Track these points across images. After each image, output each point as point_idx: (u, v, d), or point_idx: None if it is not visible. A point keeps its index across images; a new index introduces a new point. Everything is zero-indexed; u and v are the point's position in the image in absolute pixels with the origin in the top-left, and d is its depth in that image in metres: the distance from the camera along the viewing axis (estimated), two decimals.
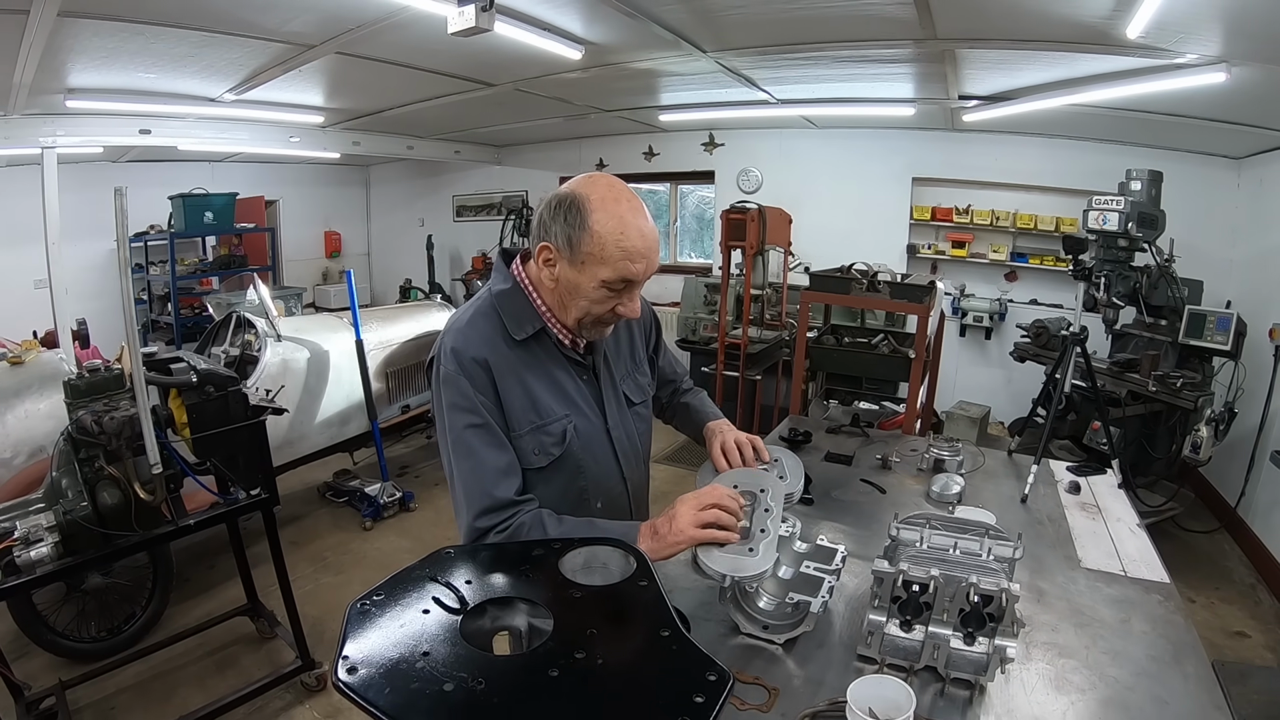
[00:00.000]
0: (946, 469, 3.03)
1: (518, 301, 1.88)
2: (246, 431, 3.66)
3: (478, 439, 1.78)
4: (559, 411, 1.88)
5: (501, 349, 1.82)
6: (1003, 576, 1.65)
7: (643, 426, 2.15)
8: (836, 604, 2.03)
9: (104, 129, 7.26)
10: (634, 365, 2.15)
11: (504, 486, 1.77)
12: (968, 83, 5.95)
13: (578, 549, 1.44)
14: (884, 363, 4.76)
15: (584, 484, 1.95)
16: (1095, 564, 2.39)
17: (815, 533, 2.29)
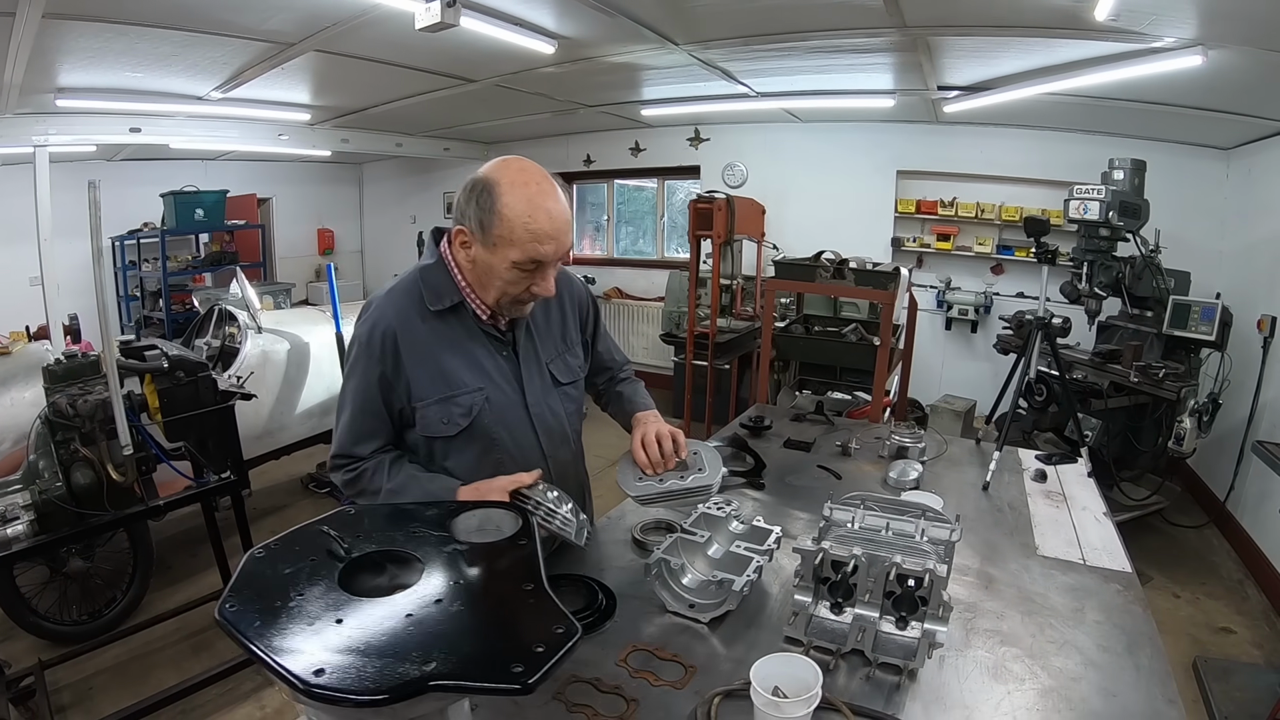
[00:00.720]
0: (908, 456, 3.00)
1: (440, 276, 1.92)
2: (216, 416, 3.79)
3: (358, 401, 1.91)
4: (471, 384, 1.93)
5: (415, 322, 1.89)
6: (932, 558, 1.62)
7: (571, 407, 2.17)
8: (771, 585, 2.00)
9: (95, 127, 7.34)
10: (565, 346, 2.16)
11: (365, 445, 1.92)
12: (945, 72, 5.90)
13: (472, 511, 1.44)
14: (851, 350, 4.71)
15: (500, 457, 1.97)
16: (1053, 552, 2.34)
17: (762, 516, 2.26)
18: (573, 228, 1.84)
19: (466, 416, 1.92)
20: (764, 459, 2.86)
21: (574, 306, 2.21)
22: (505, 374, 1.99)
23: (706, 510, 2.07)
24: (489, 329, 1.97)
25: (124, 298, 10.60)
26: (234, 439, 3.94)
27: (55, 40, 4.88)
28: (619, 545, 2.30)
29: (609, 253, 10.81)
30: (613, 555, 2.19)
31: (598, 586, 1.94)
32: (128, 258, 10.40)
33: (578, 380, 2.21)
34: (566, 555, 2.15)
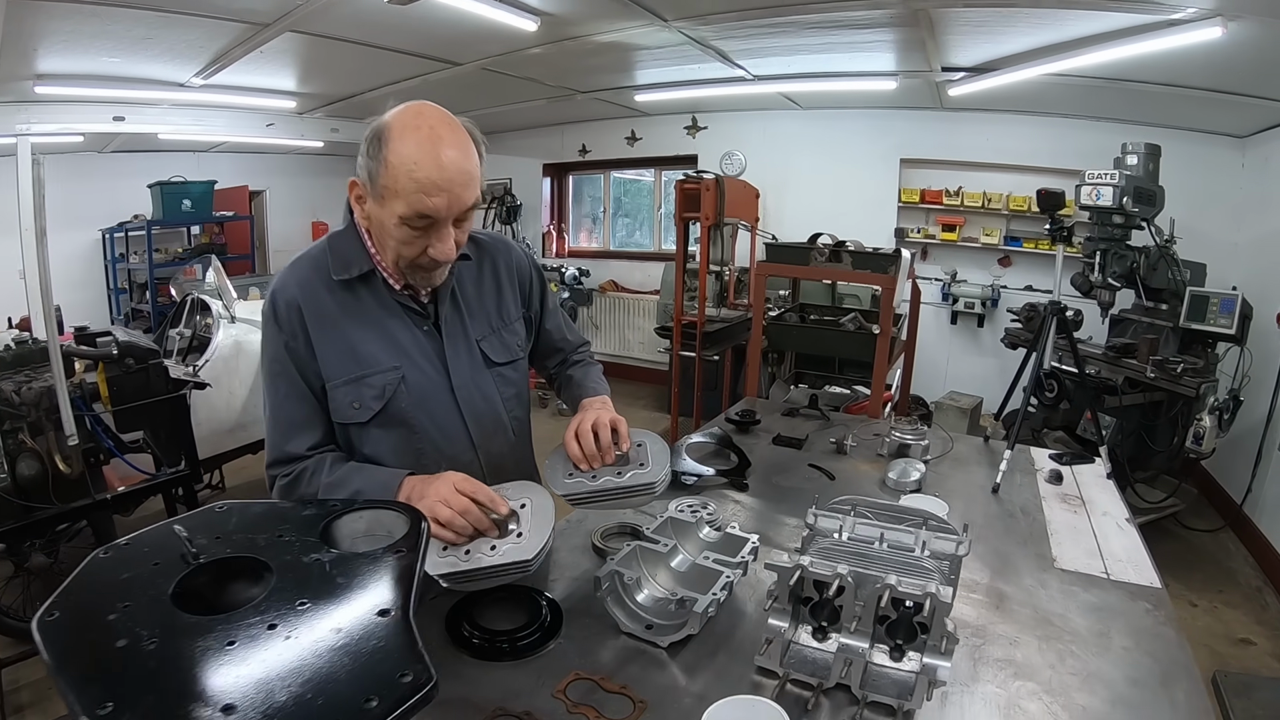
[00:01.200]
0: (910, 454, 2.74)
1: (349, 242, 1.71)
2: (167, 405, 3.60)
3: (279, 386, 1.70)
4: (385, 362, 1.71)
5: (320, 292, 1.68)
6: (933, 578, 1.36)
7: (509, 391, 1.94)
8: (746, 604, 1.72)
9: (78, 116, 7.30)
10: (501, 322, 1.93)
11: (298, 440, 1.69)
12: (950, 51, 5.67)
13: (359, 512, 1.23)
14: (848, 340, 4.39)
15: (421, 446, 1.77)
16: (1072, 564, 2.07)
17: (744, 523, 2.01)
18: (476, 181, 1.56)
19: (379, 399, 1.70)
20: (749, 456, 2.59)
21: (512, 277, 1.97)
22: (426, 352, 1.77)
23: (675, 514, 1.82)
24: (405, 301, 1.74)
25: (113, 290, 10.42)
26: (186, 429, 3.76)
27: (27, 23, 4.83)
28: (575, 552, 2.03)
29: (605, 245, 10.63)
30: (567, 564, 1.94)
31: (542, 600, 1.68)
32: (117, 250, 10.22)
33: (516, 361, 1.96)
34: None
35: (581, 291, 9.27)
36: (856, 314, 4.75)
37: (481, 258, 1.91)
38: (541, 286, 2.07)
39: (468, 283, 1.86)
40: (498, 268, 1.93)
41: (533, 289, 2.04)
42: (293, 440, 1.68)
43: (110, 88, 6.70)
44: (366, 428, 1.72)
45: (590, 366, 2.17)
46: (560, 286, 8.76)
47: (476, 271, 1.88)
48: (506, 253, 1.98)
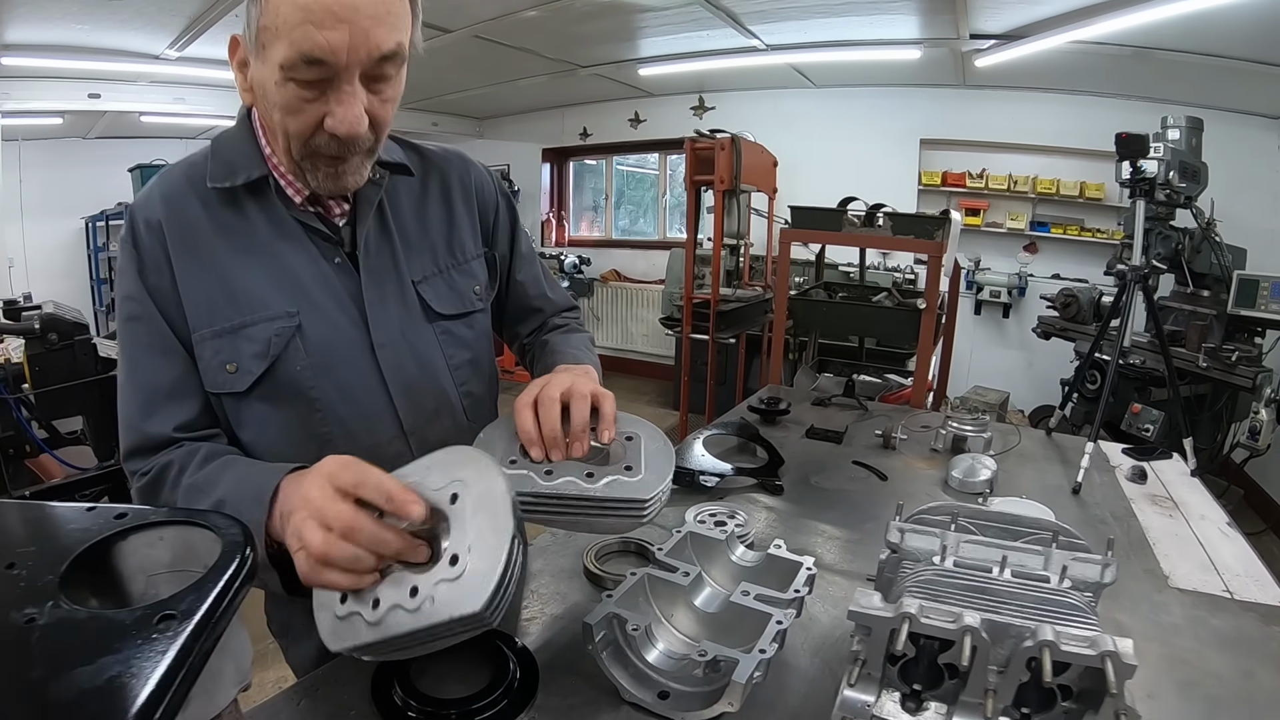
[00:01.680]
0: (968, 449, 2.29)
1: (238, 142, 1.24)
2: (96, 389, 3.11)
3: (136, 338, 1.21)
4: (274, 306, 1.22)
5: (191, 208, 1.21)
6: (1093, 624, 0.91)
7: (460, 355, 1.42)
8: (798, 654, 1.24)
9: (51, 93, 7.02)
10: (451, 260, 1.43)
11: (161, 416, 1.19)
12: (980, 15, 5.27)
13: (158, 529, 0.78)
14: (887, 318, 3.82)
15: (325, 430, 1.26)
16: (1188, 582, 1.66)
17: (782, 536, 1.54)
18: (397, 18, 1.07)
19: (262, 358, 1.20)
20: (780, 453, 2.13)
21: (470, 201, 1.48)
22: (336, 293, 1.27)
23: (695, 528, 1.33)
24: (309, 220, 1.25)
25: (96, 280, 10.15)
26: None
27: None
28: (558, 578, 1.51)
29: (607, 233, 10.24)
30: (547, 596, 1.43)
31: (510, 653, 1.17)
32: (99, 239, 9.97)
33: (472, 314, 1.45)
34: None
35: (581, 281, 8.93)
36: (893, 290, 4.28)
37: (427, 173, 1.43)
38: (511, 220, 1.57)
39: (405, 206, 1.38)
40: (449, 187, 1.45)
41: (499, 221, 1.54)
42: (153, 416, 1.19)
43: (83, 59, 6.35)
44: (246, 400, 1.23)
45: (575, 333, 1.63)
46: (559, 275, 8.39)
47: (419, 191, 1.40)
48: (463, 168, 1.49)
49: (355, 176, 1.19)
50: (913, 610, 0.85)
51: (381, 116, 1.14)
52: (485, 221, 1.51)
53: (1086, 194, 6.98)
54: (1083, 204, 7.06)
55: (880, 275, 6.41)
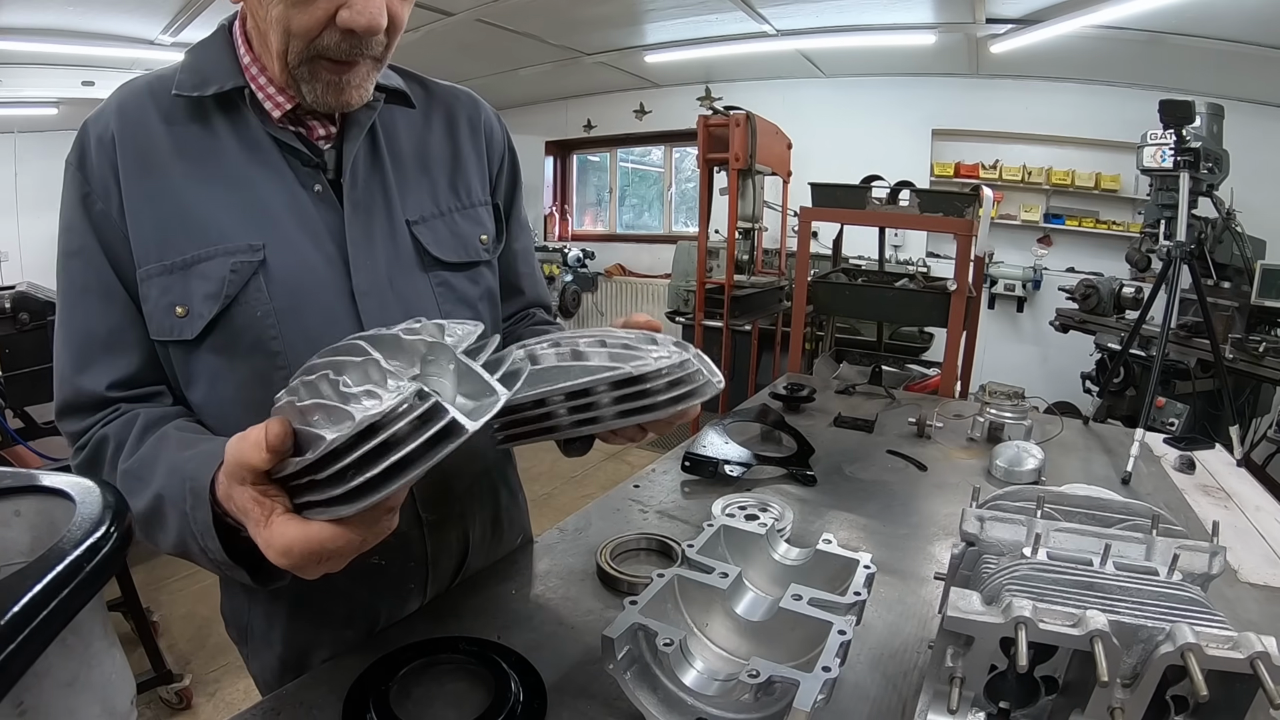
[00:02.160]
0: (1008, 437, 2.14)
1: (212, 49, 1.07)
2: None
3: (71, 279, 1.04)
4: (235, 236, 1.02)
5: (150, 123, 1.02)
6: (1223, 622, 0.75)
7: (458, 314, 1.20)
8: (856, 668, 1.08)
9: (44, 80, 6.88)
10: (455, 200, 1.23)
11: (94, 371, 1.02)
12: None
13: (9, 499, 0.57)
14: (913, 301, 3.57)
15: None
16: (1258, 576, 1.54)
17: (819, 531, 1.38)
18: None
19: (215, 299, 1.01)
20: (810, 442, 1.97)
21: (479, 142, 1.30)
22: (313, 225, 1.07)
23: (727, 520, 1.15)
24: (288, 139, 1.06)
25: None
26: None
27: None
28: (569, 580, 1.33)
29: (611, 228, 10.07)
30: (557, 602, 1.25)
31: (511, 670, 1.00)
32: None
33: (476, 265, 1.25)
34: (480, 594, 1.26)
35: (585, 275, 8.77)
36: (917, 274, 4.12)
37: (431, 106, 1.26)
38: (514, 177, 1.39)
39: (404, 136, 1.19)
40: (456, 123, 1.26)
41: (503, 173, 1.35)
42: (87, 370, 1.03)
43: (75, 43, 6.19)
44: (196, 351, 1.04)
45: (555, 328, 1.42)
46: (562, 269, 8.22)
47: (421, 124, 1.22)
48: (473, 106, 1.31)
49: (360, 89, 1.03)
50: (1027, 613, 0.69)
51: (398, 16, 0.98)
52: (493, 164, 1.32)
53: (1102, 185, 6.85)
54: (1098, 195, 6.94)
55: (893, 268, 6.28)
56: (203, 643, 3.52)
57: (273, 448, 0.70)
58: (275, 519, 0.74)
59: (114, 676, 0.55)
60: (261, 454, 0.71)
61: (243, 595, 1.22)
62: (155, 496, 0.90)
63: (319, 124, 1.10)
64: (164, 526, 0.89)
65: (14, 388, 2.85)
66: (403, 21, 1.00)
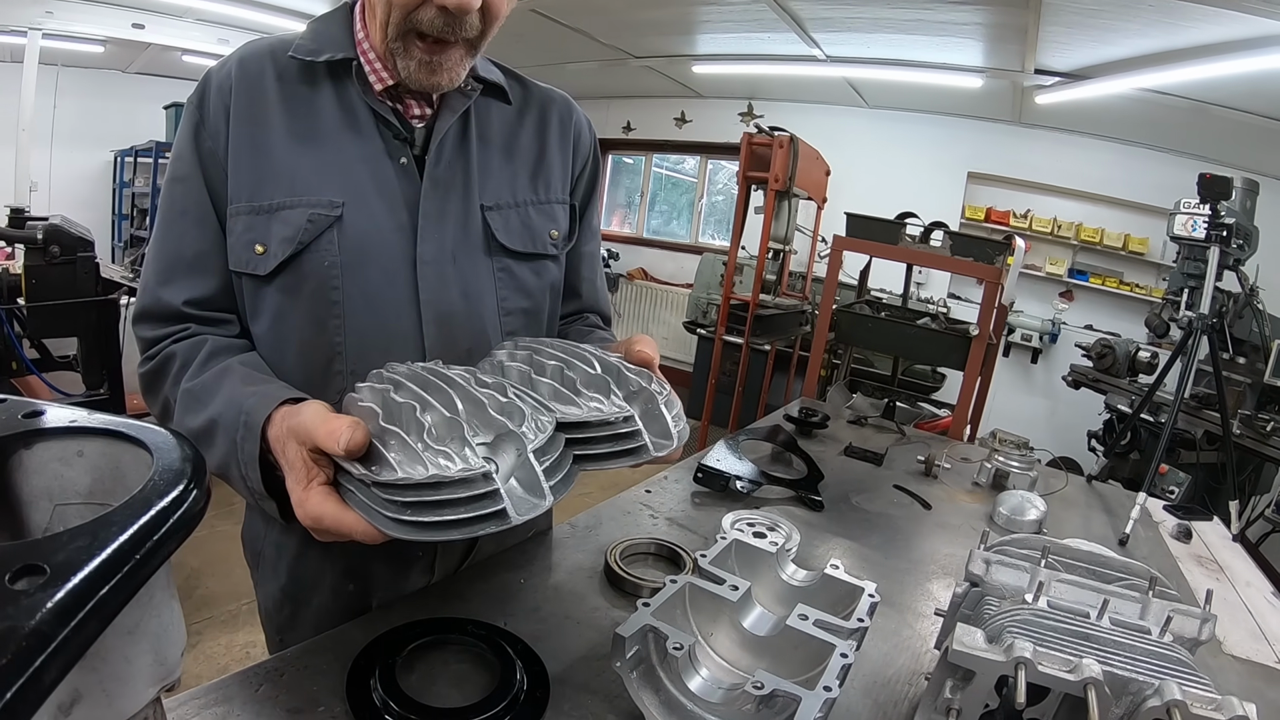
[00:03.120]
0: (1013, 485, 2.17)
1: (332, 20, 1.18)
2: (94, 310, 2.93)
3: (172, 202, 1.14)
4: (319, 191, 1.11)
5: (265, 78, 1.13)
6: (1207, 684, 0.79)
7: (516, 301, 1.28)
8: (849, 693, 1.11)
9: (94, 17, 6.96)
10: (533, 194, 1.29)
11: (176, 286, 1.13)
12: (1049, 49, 5.18)
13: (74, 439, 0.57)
14: (934, 341, 3.59)
15: (338, 341, 1.14)
16: (1241, 650, 1.56)
17: (822, 556, 1.43)
18: None
19: (290, 243, 1.09)
20: (820, 468, 2.01)
21: (566, 143, 1.35)
22: (392, 193, 1.15)
23: (741, 537, 1.18)
24: (383, 110, 1.15)
25: (118, 215, 10.13)
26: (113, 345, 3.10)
27: None
28: (577, 576, 1.37)
29: (639, 231, 10.08)
30: (566, 597, 1.28)
31: (517, 656, 1.03)
32: (126, 174, 9.91)
33: (541, 258, 1.30)
34: (489, 579, 1.30)
35: (608, 276, 8.78)
36: (939, 314, 4.14)
37: (526, 103, 1.32)
38: (593, 182, 1.43)
39: (495, 128, 1.26)
40: (547, 122, 1.33)
41: (583, 177, 1.40)
42: (170, 284, 1.13)
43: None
44: (266, 287, 1.13)
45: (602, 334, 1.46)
46: None
47: (514, 119, 1.29)
48: (566, 108, 1.37)
49: (451, 72, 1.09)
50: (1028, 654, 0.74)
51: (494, 3, 1.05)
52: (575, 165, 1.38)
53: (1129, 247, 6.88)
54: (1124, 256, 6.97)
55: (914, 305, 6.30)
56: (189, 594, 3.52)
57: (349, 451, 0.81)
58: (315, 487, 0.85)
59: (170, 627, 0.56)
60: (335, 448, 0.81)
61: (261, 522, 1.32)
62: (210, 420, 1.00)
63: (416, 103, 1.18)
64: (212, 447, 0.98)
65: (35, 319, 2.88)
66: (499, 10, 1.07)
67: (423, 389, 0.90)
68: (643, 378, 0.97)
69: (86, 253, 2.95)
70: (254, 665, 1.00)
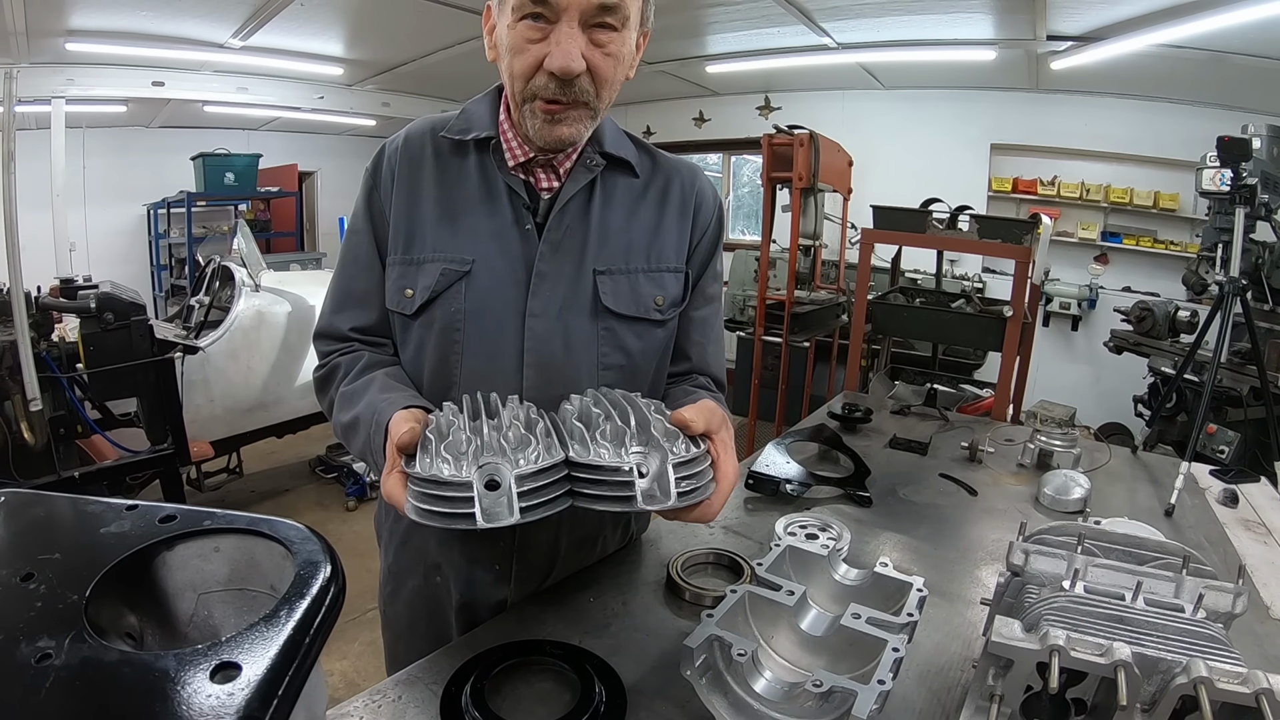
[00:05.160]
0: (1057, 465, 2.21)
1: (481, 104, 1.38)
2: (152, 371, 3.08)
3: (349, 249, 1.44)
4: (454, 250, 1.34)
5: (424, 150, 1.38)
6: (1237, 658, 0.86)
7: (613, 358, 1.39)
8: (905, 683, 1.19)
9: (115, 79, 7.17)
10: (645, 262, 1.40)
11: (347, 315, 1.43)
12: (1058, 15, 5.15)
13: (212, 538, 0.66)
14: (969, 325, 3.64)
15: (455, 374, 1.36)
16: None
17: (873, 552, 1.49)
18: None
19: (428, 291, 1.34)
20: (866, 463, 2.07)
21: (685, 212, 1.44)
22: (513, 255, 1.33)
23: (795, 544, 1.27)
24: (514, 183, 1.33)
25: (156, 266, 10.32)
26: (173, 401, 3.24)
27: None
28: (645, 591, 1.46)
29: None
30: (635, 612, 1.38)
31: (594, 672, 1.14)
32: (161, 226, 10.10)
33: (644, 322, 1.40)
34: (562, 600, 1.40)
35: None
36: (973, 296, 4.16)
37: (653, 176, 1.43)
38: (712, 249, 1.51)
39: (618, 201, 1.38)
40: (669, 194, 1.43)
41: (703, 243, 1.48)
42: (342, 313, 1.43)
43: (147, 46, 6.49)
44: (410, 324, 1.38)
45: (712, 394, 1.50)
46: None
47: (638, 193, 1.40)
48: (690, 178, 1.46)
49: (570, 129, 1.23)
50: (1061, 642, 0.80)
51: (601, 69, 1.19)
52: (693, 240, 1.46)
53: (1160, 204, 6.80)
54: (1156, 215, 6.88)
55: (948, 283, 6.25)
56: None
57: (398, 446, 1.04)
58: (394, 473, 1.05)
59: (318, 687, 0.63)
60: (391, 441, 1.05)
61: (383, 508, 1.57)
62: (354, 417, 1.26)
63: (545, 176, 1.34)
64: (355, 438, 1.25)
65: (97, 383, 3.02)
66: (608, 75, 1.21)
67: (473, 417, 1.08)
68: (668, 437, 1.05)
69: (140, 316, 3.10)
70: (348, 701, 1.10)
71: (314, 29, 6.37)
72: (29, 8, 5.20)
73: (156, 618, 0.62)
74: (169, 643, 0.59)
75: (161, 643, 0.58)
